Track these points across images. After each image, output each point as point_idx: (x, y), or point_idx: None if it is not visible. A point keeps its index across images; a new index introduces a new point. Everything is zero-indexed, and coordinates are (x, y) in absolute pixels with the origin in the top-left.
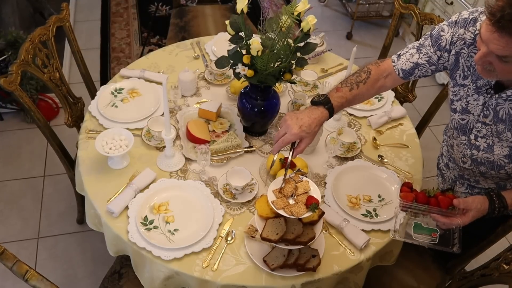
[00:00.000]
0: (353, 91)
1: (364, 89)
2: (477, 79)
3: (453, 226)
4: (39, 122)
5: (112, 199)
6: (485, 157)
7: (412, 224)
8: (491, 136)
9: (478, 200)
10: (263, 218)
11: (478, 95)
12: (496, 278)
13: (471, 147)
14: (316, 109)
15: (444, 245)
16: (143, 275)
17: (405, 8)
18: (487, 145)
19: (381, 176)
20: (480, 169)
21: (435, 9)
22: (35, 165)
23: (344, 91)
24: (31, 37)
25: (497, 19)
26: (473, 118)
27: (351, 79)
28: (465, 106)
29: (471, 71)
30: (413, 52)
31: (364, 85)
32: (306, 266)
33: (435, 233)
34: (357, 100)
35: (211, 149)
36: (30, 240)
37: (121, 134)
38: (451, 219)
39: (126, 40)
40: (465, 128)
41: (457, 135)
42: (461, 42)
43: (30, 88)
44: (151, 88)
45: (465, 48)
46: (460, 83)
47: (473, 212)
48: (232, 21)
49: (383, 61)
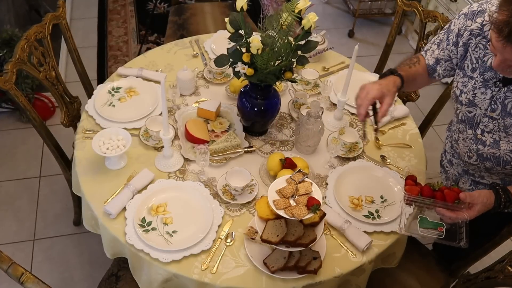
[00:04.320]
0: (412, 68)
1: (421, 69)
2: (484, 71)
3: (459, 221)
4: (34, 122)
5: (109, 200)
6: (491, 152)
7: (418, 218)
8: (498, 131)
9: (484, 194)
10: (263, 219)
11: (485, 89)
12: (501, 281)
13: (477, 142)
14: (387, 78)
15: (451, 239)
16: (141, 277)
17: (408, 6)
18: (494, 140)
19: (383, 177)
20: (486, 165)
21: (439, 6)
22: (31, 165)
23: (405, 69)
24: (27, 35)
25: (506, 35)
26: (480, 112)
27: (405, 62)
28: (472, 99)
29: (479, 63)
30: (434, 48)
31: (419, 66)
32: (307, 268)
33: (441, 228)
34: (417, 79)
35: (210, 149)
36: (25, 242)
37: (118, 134)
38: (457, 213)
39: (124, 38)
40: (472, 122)
41: (464, 129)
42: (468, 33)
43: (25, 87)
44: (149, 87)
45: (473, 38)
46: (468, 75)
47: (479, 206)
48: (232, 19)
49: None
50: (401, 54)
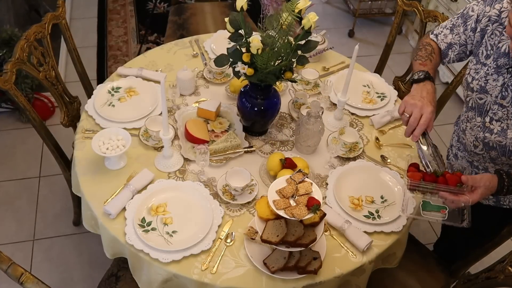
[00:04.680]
0: (433, 61)
1: (437, 58)
2: (498, 57)
3: (462, 204)
4: (34, 122)
5: (109, 200)
6: (497, 140)
7: (421, 202)
8: (506, 119)
9: (486, 178)
10: (263, 219)
11: (497, 75)
12: (501, 281)
13: (484, 130)
14: (426, 85)
15: (454, 221)
16: (141, 278)
17: (408, 5)
18: (501, 129)
19: (383, 177)
20: (491, 154)
21: (439, 6)
22: (31, 165)
23: (428, 64)
24: (26, 35)
25: None
26: (491, 99)
27: (423, 54)
28: (483, 85)
29: (494, 50)
30: (446, 32)
31: (435, 55)
32: (307, 268)
33: (444, 210)
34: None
35: (210, 149)
36: (25, 242)
37: (118, 134)
38: (460, 196)
39: (123, 38)
40: (482, 109)
41: (473, 116)
42: (486, 19)
43: (25, 87)
44: (149, 87)
45: (490, 25)
46: (482, 61)
47: (481, 189)
48: (232, 19)
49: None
50: (401, 54)
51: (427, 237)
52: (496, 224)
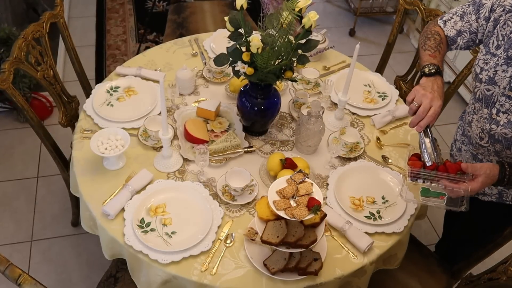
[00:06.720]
0: (441, 52)
1: (445, 47)
2: (509, 48)
3: (462, 192)
4: (32, 122)
5: (107, 201)
6: (503, 132)
7: (420, 189)
8: None
9: (487, 166)
10: (263, 220)
11: (507, 66)
12: (503, 282)
13: (491, 122)
14: (437, 79)
15: (452, 205)
16: (140, 279)
17: (409, 4)
18: (508, 121)
19: (385, 177)
20: (496, 147)
21: (441, 5)
22: (28, 165)
23: (437, 56)
24: (24, 34)
25: None
26: (499, 91)
27: (432, 44)
28: (492, 76)
29: (505, 40)
30: (456, 19)
31: (443, 45)
32: (307, 269)
33: (443, 196)
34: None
35: (210, 149)
36: (23, 243)
37: (117, 134)
38: (460, 184)
39: (122, 37)
40: (489, 101)
41: (480, 108)
42: (501, 8)
43: (23, 86)
44: (148, 86)
45: (504, 14)
46: (492, 52)
47: (482, 178)
48: (231, 18)
49: (436, 25)
50: (402, 53)
51: (429, 238)
52: (499, 221)
